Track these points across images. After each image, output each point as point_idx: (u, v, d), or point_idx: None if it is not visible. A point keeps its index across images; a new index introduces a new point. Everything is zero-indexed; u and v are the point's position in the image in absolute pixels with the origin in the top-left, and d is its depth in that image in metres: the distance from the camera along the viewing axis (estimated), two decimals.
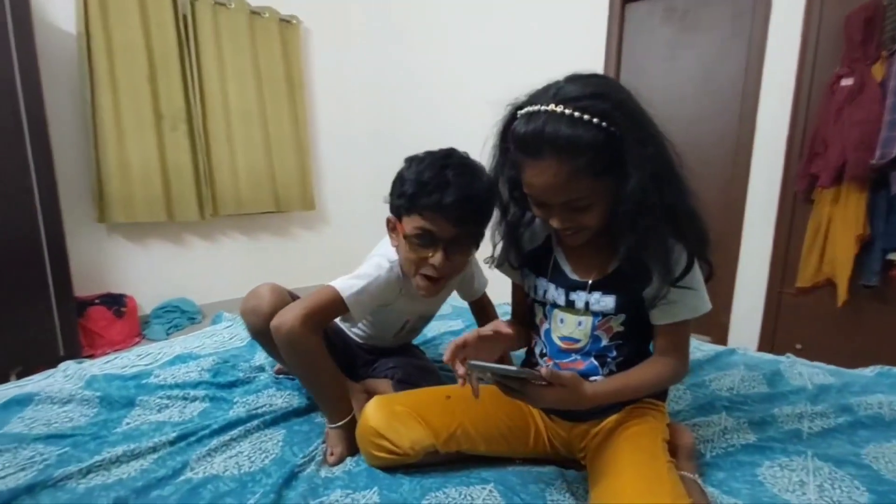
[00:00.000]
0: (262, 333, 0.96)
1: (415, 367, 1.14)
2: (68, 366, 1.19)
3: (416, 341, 1.35)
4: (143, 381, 1.10)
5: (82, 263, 2.45)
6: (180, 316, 2.77)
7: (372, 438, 0.85)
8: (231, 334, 1.42)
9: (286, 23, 3.08)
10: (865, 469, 0.84)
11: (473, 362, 0.70)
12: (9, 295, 2.02)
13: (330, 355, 0.96)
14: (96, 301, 2.52)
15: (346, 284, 0.95)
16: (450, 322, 1.62)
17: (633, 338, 0.85)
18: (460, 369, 0.73)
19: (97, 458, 0.84)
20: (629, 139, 0.67)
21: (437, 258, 0.92)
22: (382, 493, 0.78)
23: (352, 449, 0.91)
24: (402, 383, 1.10)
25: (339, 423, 0.93)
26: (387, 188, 0.99)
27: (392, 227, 1.00)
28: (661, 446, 0.80)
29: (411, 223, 0.92)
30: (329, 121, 3.42)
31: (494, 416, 0.91)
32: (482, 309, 1.27)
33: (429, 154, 0.95)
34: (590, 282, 0.84)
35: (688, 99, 2.45)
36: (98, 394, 1.02)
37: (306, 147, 3.20)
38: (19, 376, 2.06)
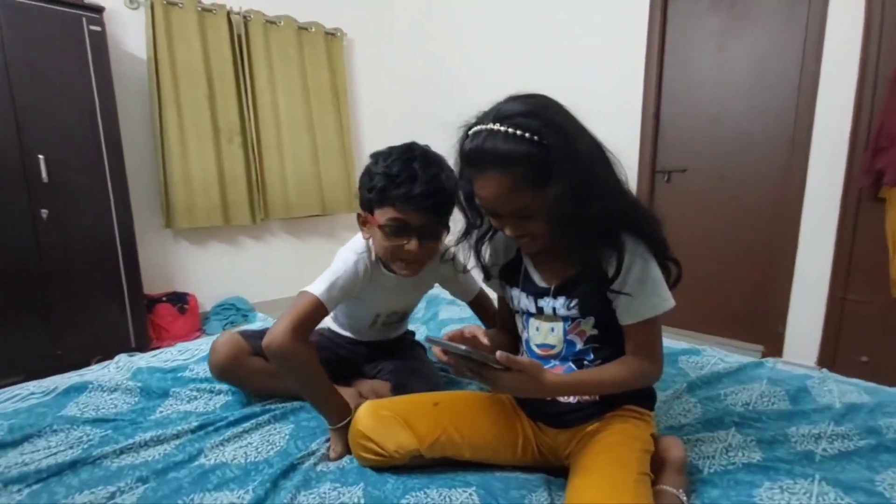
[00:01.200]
0: (224, 376, 1.12)
1: (411, 373, 1.20)
2: (121, 358, 1.35)
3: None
4: (179, 375, 1.23)
5: (151, 265, 2.72)
6: (235, 313, 3.00)
7: (360, 441, 0.90)
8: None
9: (331, 35, 3.23)
10: (876, 497, 0.77)
11: (432, 337, 0.77)
12: (89, 293, 2.30)
13: (325, 361, 1.02)
14: (163, 299, 2.79)
15: (318, 285, 1.02)
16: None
17: (608, 341, 0.87)
18: (440, 354, 0.79)
19: (130, 440, 0.96)
20: (556, 154, 0.71)
21: (412, 245, 0.99)
22: (367, 490, 0.83)
23: (348, 449, 0.96)
24: (399, 388, 1.15)
25: (338, 425, 0.99)
26: None
27: (363, 222, 1.06)
28: (637, 457, 0.79)
29: (384, 215, 0.98)
30: (370, 126, 3.55)
31: (481, 425, 0.94)
32: (481, 306, 1.30)
33: (393, 149, 1.01)
34: (552, 287, 0.87)
35: (739, 92, 2.31)
36: (139, 384, 1.16)
37: (350, 152, 3.35)
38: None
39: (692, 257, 1.69)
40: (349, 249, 1.09)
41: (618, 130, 2.64)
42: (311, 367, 0.99)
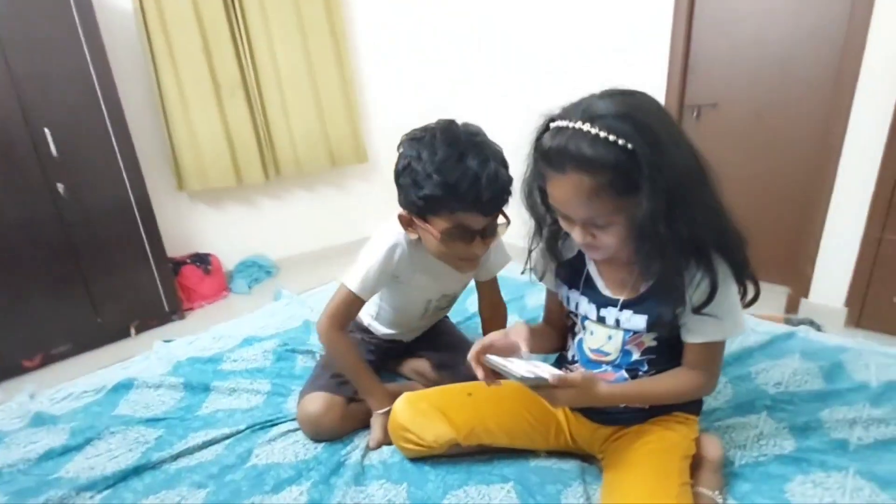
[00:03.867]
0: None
1: (452, 350, 1.20)
2: (159, 348, 1.40)
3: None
4: (218, 368, 1.28)
5: (171, 228, 2.74)
6: (258, 270, 3.05)
7: (400, 432, 0.95)
8: (288, 314, 1.57)
9: None
10: None
11: (490, 358, 0.76)
12: (117, 262, 2.35)
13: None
14: (187, 261, 2.84)
15: (352, 278, 1.01)
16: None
17: (665, 353, 0.85)
18: (479, 372, 0.79)
19: (183, 443, 1.01)
20: (647, 164, 0.65)
21: (476, 247, 0.93)
22: (410, 490, 0.88)
23: (388, 437, 1.01)
24: (441, 368, 1.17)
25: (380, 412, 1.03)
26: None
27: (408, 223, 0.97)
28: (679, 465, 0.81)
29: (442, 223, 0.90)
30: (374, 71, 3.34)
31: (517, 412, 0.96)
32: (489, 290, 1.18)
33: (435, 140, 0.87)
34: (621, 300, 0.83)
35: (781, 16, 2.08)
36: (181, 380, 1.21)
37: (354, 100, 3.19)
38: (137, 329, 2.47)
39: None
40: (384, 237, 1.01)
41: (643, 59, 2.42)
42: (349, 356, 1.05)
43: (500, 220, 0.94)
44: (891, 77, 1.83)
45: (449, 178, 0.85)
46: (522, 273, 0.98)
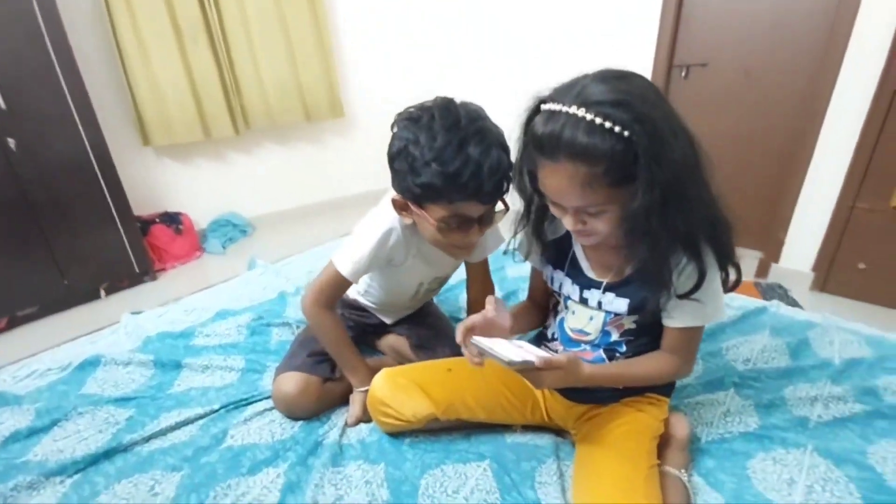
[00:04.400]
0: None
1: (432, 331, 1.20)
2: (128, 321, 1.35)
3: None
4: (190, 343, 1.24)
5: (137, 186, 2.60)
6: (233, 230, 2.96)
7: (379, 407, 0.95)
8: (263, 285, 1.53)
9: None
10: (867, 471, 0.83)
11: (476, 340, 0.75)
12: (80, 221, 2.23)
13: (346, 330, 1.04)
14: (156, 220, 2.73)
15: (343, 260, 0.98)
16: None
17: (644, 335, 0.86)
18: (468, 355, 0.78)
19: (155, 423, 1.00)
20: (644, 156, 0.63)
21: (473, 235, 0.89)
22: (388, 471, 0.89)
23: (366, 414, 1.02)
24: (419, 349, 1.17)
25: (360, 389, 1.03)
26: (418, 89, 0.87)
27: (402, 207, 0.91)
28: (648, 447, 0.83)
29: (439, 211, 0.85)
30: (350, 17, 3.11)
31: (495, 388, 0.98)
32: (478, 272, 1.15)
33: (433, 122, 0.80)
34: (605, 282, 0.83)
35: None
36: (151, 357, 1.18)
37: (329, 49, 2.99)
38: (107, 291, 2.40)
39: None
40: (379, 221, 0.97)
41: (634, 20, 2.33)
42: (333, 333, 1.03)
43: (499, 206, 0.90)
44: (880, 45, 1.79)
45: (449, 168, 0.79)
46: (505, 253, 0.96)
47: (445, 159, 0.79)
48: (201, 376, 1.14)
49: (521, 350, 0.74)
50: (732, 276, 0.78)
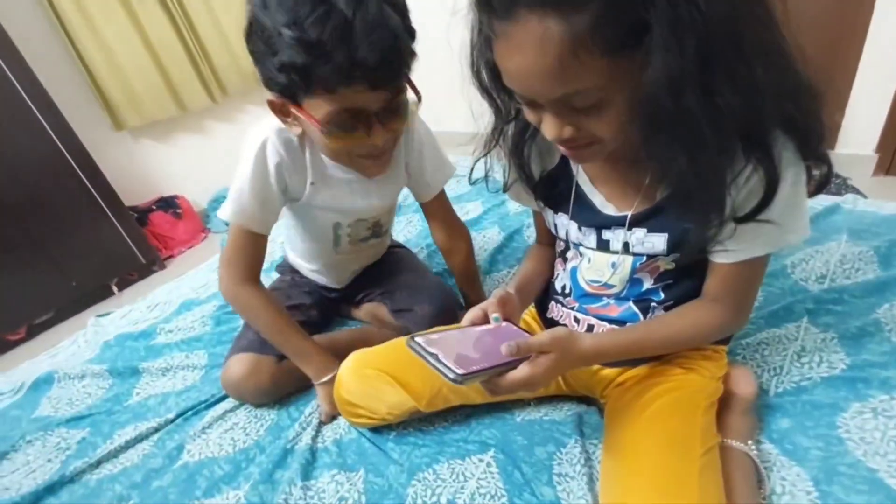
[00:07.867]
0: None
1: (410, 290, 0.99)
2: (92, 325, 1.22)
3: None
4: (150, 343, 1.10)
5: (122, 174, 2.45)
6: None
7: (347, 408, 0.78)
8: None
9: None
10: None
11: (416, 342, 0.51)
12: (68, 217, 2.12)
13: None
14: (153, 207, 2.61)
15: (228, 209, 0.79)
16: (485, 232, 1.31)
17: (686, 277, 0.62)
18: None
19: (109, 443, 0.86)
20: None
21: (375, 137, 0.68)
22: (367, 479, 0.72)
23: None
24: (399, 313, 0.97)
25: (322, 381, 0.84)
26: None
27: (281, 110, 0.70)
28: (702, 425, 0.59)
29: (320, 107, 0.63)
30: None
31: None
32: (435, 213, 0.95)
33: None
34: (629, 215, 0.59)
35: None
36: (106, 367, 1.04)
37: None
38: (119, 286, 2.34)
39: None
40: (250, 138, 0.77)
41: None
42: (266, 314, 0.83)
43: (411, 97, 0.67)
44: None
45: (308, 33, 0.57)
46: (473, 183, 0.72)
47: (300, 21, 0.56)
48: (161, 381, 1.00)
49: (483, 345, 0.51)
50: (816, 173, 0.51)
